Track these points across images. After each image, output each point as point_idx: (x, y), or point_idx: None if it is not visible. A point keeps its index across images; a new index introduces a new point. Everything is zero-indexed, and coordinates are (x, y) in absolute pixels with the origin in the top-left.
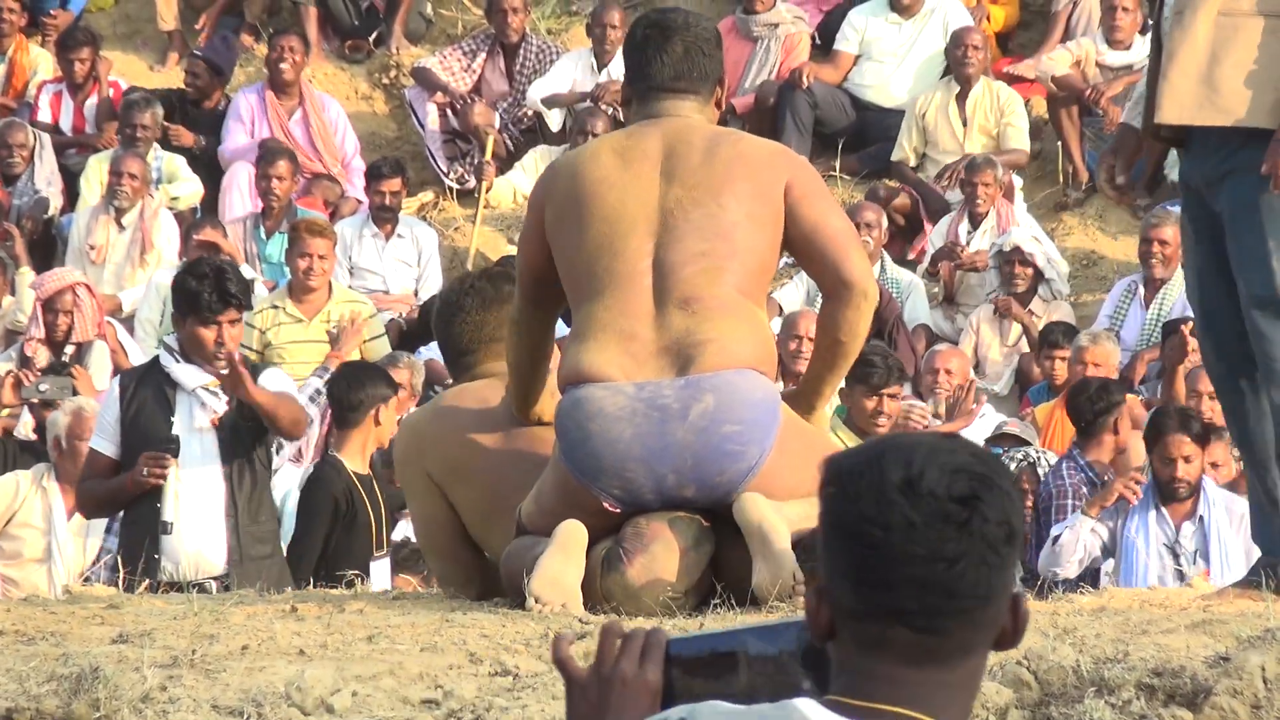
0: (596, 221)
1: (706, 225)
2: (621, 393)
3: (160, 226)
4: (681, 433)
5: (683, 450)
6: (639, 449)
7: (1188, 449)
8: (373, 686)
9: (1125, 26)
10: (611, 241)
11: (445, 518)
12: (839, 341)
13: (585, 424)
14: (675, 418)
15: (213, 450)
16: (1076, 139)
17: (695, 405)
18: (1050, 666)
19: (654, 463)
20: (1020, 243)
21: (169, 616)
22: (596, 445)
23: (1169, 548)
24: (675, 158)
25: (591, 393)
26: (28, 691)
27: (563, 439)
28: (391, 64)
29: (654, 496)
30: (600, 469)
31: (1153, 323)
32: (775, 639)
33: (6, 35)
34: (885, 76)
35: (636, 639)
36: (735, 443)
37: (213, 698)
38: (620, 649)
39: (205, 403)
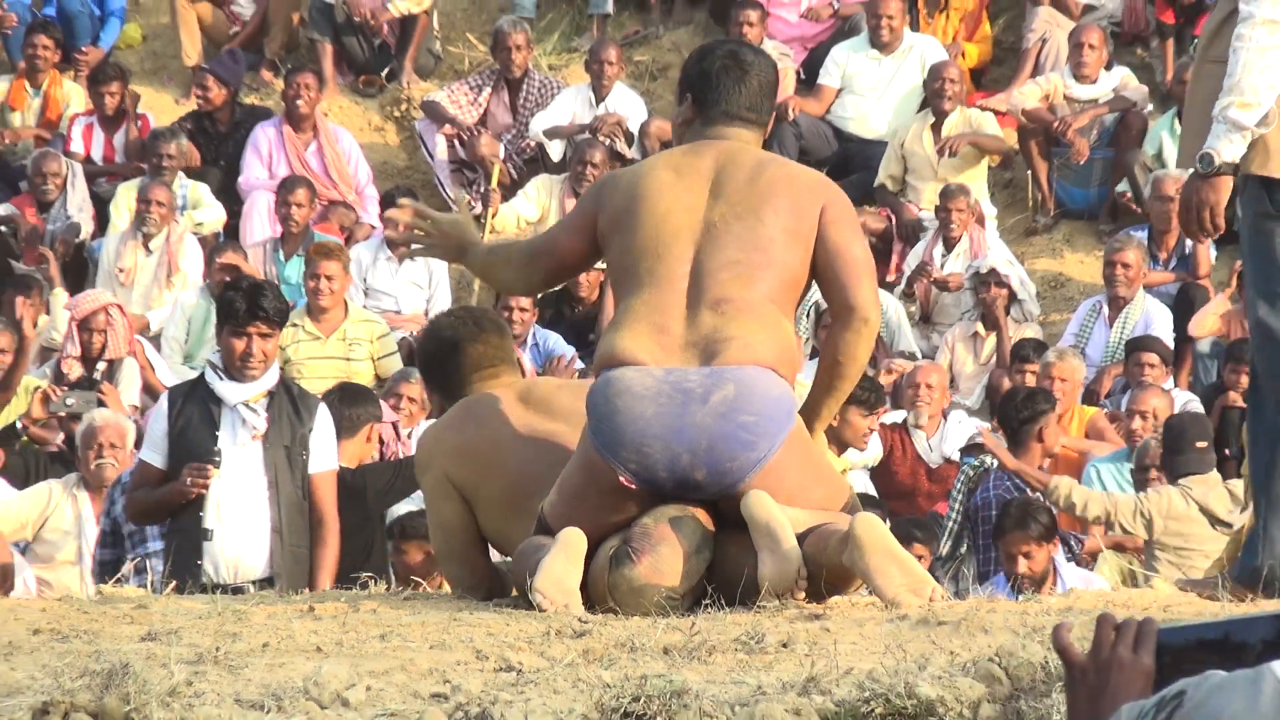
0: (646, 226)
1: (745, 236)
2: (650, 374)
3: (185, 250)
4: (701, 415)
5: (700, 432)
6: (659, 426)
7: (1026, 547)
8: (385, 681)
9: (1091, 63)
10: (656, 246)
11: (461, 523)
12: (838, 363)
13: (613, 399)
14: (697, 401)
15: (256, 462)
16: (1044, 168)
17: (717, 392)
18: (1020, 663)
19: (672, 440)
20: (996, 265)
21: (195, 616)
22: (621, 420)
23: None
24: (724, 176)
25: (623, 373)
26: (62, 686)
27: (592, 414)
28: (402, 98)
29: (667, 475)
30: (621, 443)
31: (1116, 340)
32: (1254, 630)
33: (41, 70)
34: (866, 109)
35: (1130, 627)
36: (750, 432)
37: (235, 692)
38: (1116, 636)
39: (246, 419)
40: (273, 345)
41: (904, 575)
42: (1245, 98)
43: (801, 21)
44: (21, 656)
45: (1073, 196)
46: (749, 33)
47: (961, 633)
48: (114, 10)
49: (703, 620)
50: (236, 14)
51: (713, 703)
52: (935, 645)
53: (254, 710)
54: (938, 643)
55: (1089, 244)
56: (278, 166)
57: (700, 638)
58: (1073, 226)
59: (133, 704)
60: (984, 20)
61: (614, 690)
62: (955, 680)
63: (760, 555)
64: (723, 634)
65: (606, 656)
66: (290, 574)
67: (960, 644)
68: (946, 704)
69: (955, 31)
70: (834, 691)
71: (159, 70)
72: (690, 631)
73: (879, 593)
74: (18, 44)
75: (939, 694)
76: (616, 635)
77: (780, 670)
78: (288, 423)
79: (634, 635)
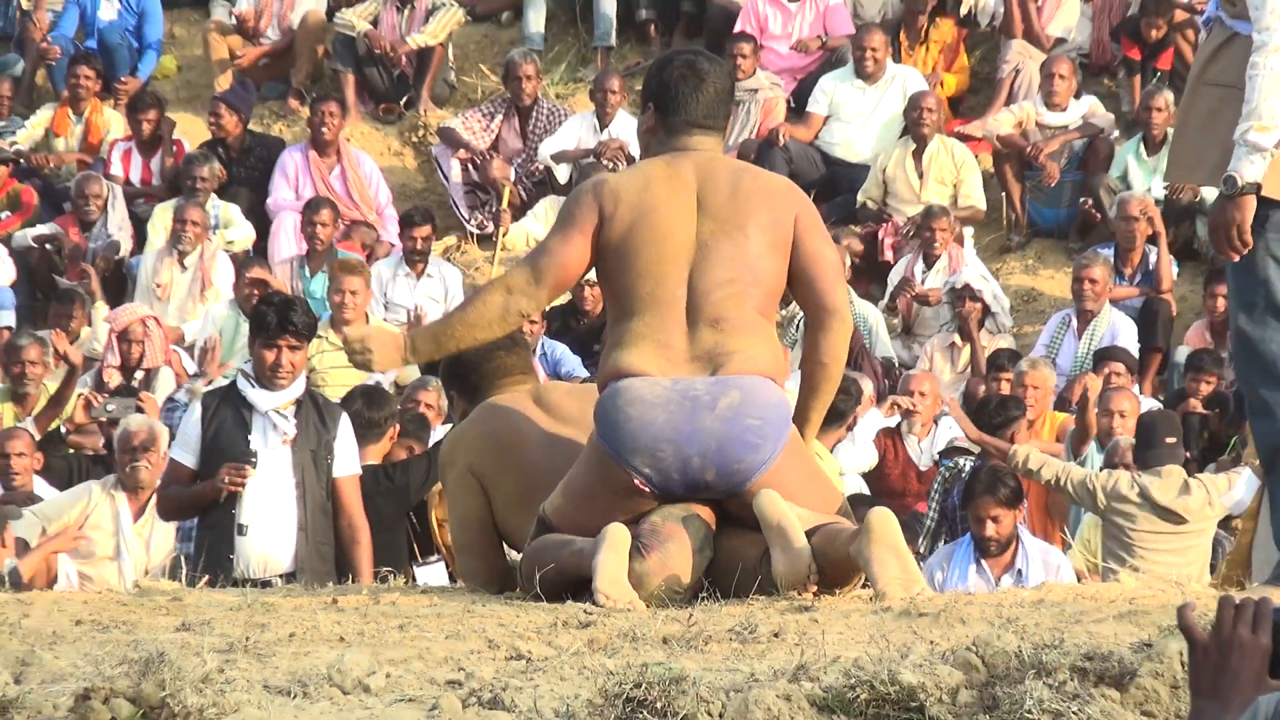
0: (649, 249)
1: (735, 256)
2: (659, 384)
3: (218, 267)
4: (709, 420)
5: (709, 436)
6: (671, 431)
7: (995, 510)
8: (404, 669)
9: (1062, 91)
10: (657, 270)
11: (479, 515)
12: (823, 364)
13: (625, 408)
14: (705, 407)
15: (285, 465)
16: (1018, 190)
17: (723, 398)
18: (995, 652)
19: (683, 444)
20: (970, 280)
21: (226, 608)
22: (634, 426)
23: None
24: (706, 190)
25: (632, 383)
26: (102, 673)
27: (602, 422)
28: (420, 124)
29: (679, 477)
30: (635, 448)
31: (1085, 351)
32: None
33: (83, 99)
34: (851, 135)
35: (1249, 608)
36: (755, 435)
37: (264, 679)
38: (1235, 616)
39: (276, 424)
40: (301, 357)
41: (900, 570)
42: (1263, 121)
43: (792, 53)
44: (65, 646)
45: (1044, 216)
46: (743, 64)
47: (941, 624)
48: (151, 43)
49: (700, 612)
50: (263, 46)
51: (709, 689)
52: (916, 635)
53: (281, 696)
54: (919, 633)
55: (1059, 261)
56: (303, 188)
57: (697, 628)
58: (1044, 244)
59: (168, 690)
60: (961, 52)
61: (617, 677)
62: (935, 668)
63: (773, 552)
64: (718, 625)
65: (610, 646)
66: (314, 569)
67: (940, 634)
68: (927, 690)
69: (935, 63)
70: (822, 679)
71: (193, 99)
72: (688, 623)
73: (872, 580)
74: (61, 74)
75: (920, 681)
76: (619, 626)
77: (772, 659)
78: (314, 429)
79: (635, 626)
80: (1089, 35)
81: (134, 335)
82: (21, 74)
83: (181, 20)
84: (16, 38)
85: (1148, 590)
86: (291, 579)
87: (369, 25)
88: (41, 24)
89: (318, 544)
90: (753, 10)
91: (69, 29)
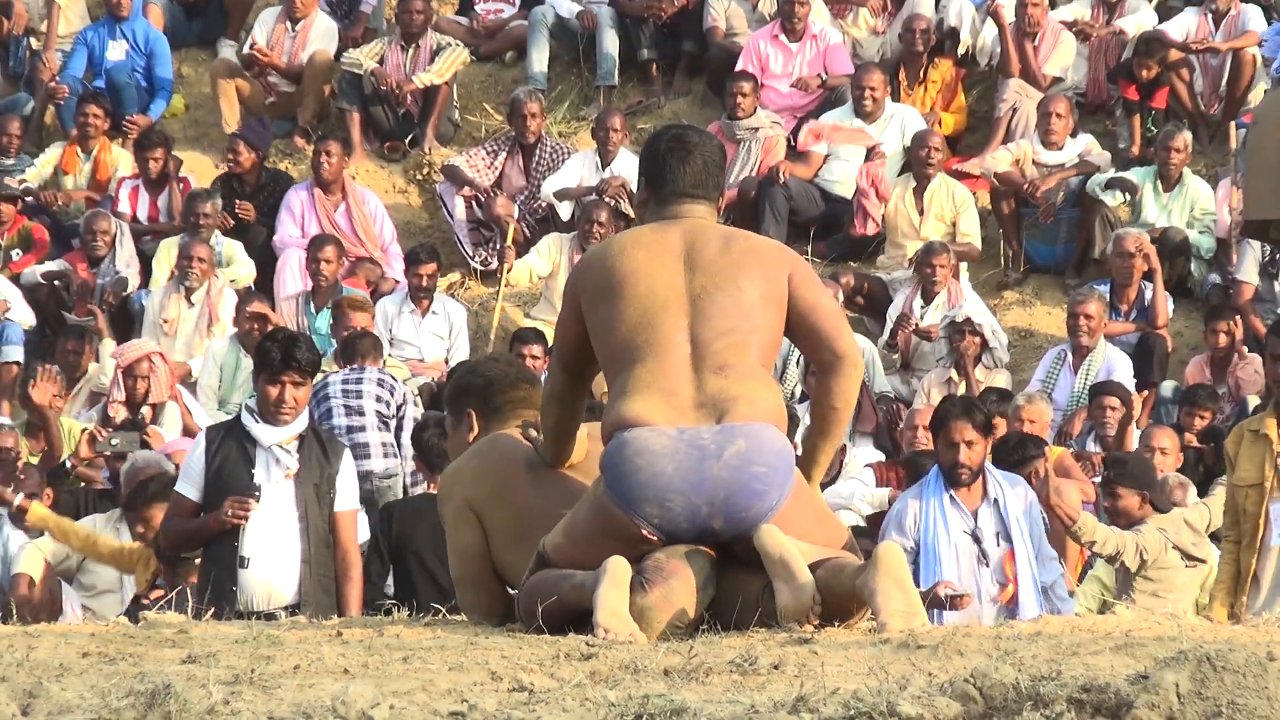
0: (631, 305)
1: (730, 307)
2: (665, 434)
3: (224, 302)
4: (717, 469)
5: (717, 485)
6: (679, 482)
7: (969, 434)
8: (407, 700)
9: (1059, 130)
10: (648, 320)
11: (478, 550)
12: (834, 409)
13: (633, 459)
14: (712, 456)
15: (289, 498)
16: (1014, 227)
17: (730, 447)
18: (993, 683)
19: (691, 494)
20: (971, 314)
21: (231, 640)
22: (643, 478)
23: (969, 534)
24: (695, 251)
25: (639, 434)
26: (109, 705)
27: (609, 473)
28: (424, 163)
29: (688, 526)
30: (644, 498)
31: (1081, 386)
32: None
33: (92, 137)
34: (851, 173)
35: None
36: (761, 482)
37: (269, 711)
38: None
39: (280, 459)
40: (304, 393)
41: (904, 603)
42: None
43: (792, 92)
44: (72, 677)
45: (1040, 253)
46: (743, 102)
47: (939, 655)
48: (162, 84)
49: (700, 644)
50: (273, 85)
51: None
52: (915, 667)
53: None
54: (917, 665)
55: (1056, 297)
56: (309, 226)
57: (698, 660)
58: (1041, 281)
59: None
60: (959, 91)
61: (618, 709)
62: (933, 699)
63: (776, 585)
64: (718, 657)
65: (611, 677)
66: (318, 602)
67: (938, 666)
68: None
69: (933, 102)
70: (821, 710)
71: (200, 138)
72: (689, 654)
73: (875, 611)
74: (70, 113)
75: (919, 712)
76: (621, 658)
77: (772, 690)
78: (316, 463)
79: (637, 658)
80: (1085, 75)
81: (139, 371)
82: (31, 113)
83: (189, 60)
84: (26, 77)
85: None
86: (295, 611)
87: (375, 64)
88: (50, 64)
89: (320, 577)
90: (754, 50)
91: (78, 69)
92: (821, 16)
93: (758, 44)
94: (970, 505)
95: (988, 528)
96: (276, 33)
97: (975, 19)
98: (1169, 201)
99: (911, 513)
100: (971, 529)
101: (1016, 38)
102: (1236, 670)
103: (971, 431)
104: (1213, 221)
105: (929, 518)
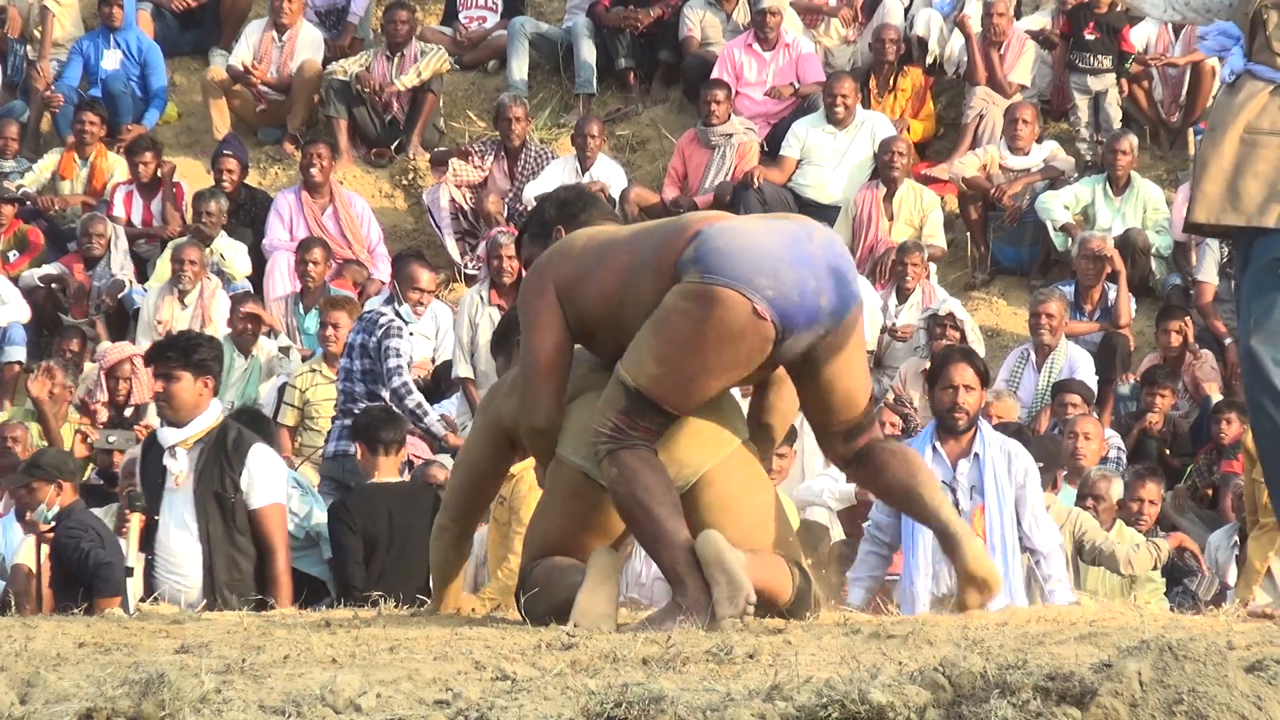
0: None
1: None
2: (753, 221)
3: (217, 304)
4: (813, 248)
5: (818, 261)
6: (786, 254)
7: (969, 378)
8: (394, 689)
9: (1025, 136)
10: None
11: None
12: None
13: (737, 238)
14: (805, 239)
15: (188, 503)
16: (981, 230)
17: (817, 232)
18: (961, 672)
19: (799, 266)
20: (954, 310)
21: (223, 631)
22: (751, 255)
23: (945, 484)
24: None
25: (728, 223)
26: (104, 693)
27: (709, 259)
28: (410, 168)
29: (799, 299)
30: (759, 269)
31: (1044, 385)
32: None
33: (88, 144)
34: (823, 178)
35: None
36: (850, 270)
37: (259, 699)
38: None
39: (168, 465)
40: (182, 388)
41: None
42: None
43: (765, 99)
44: (68, 667)
45: (1006, 255)
46: (717, 109)
47: (909, 645)
48: (156, 92)
49: (678, 635)
50: (263, 94)
51: (687, 708)
52: (886, 656)
53: (276, 715)
54: (888, 654)
55: (1021, 298)
56: (297, 229)
57: (675, 650)
58: (1007, 282)
59: (167, 710)
60: (928, 99)
61: (598, 697)
62: (904, 688)
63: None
64: (695, 646)
65: (592, 667)
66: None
67: (908, 655)
68: (896, 709)
69: (903, 109)
70: (795, 698)
71: (192, 144)
72: (666, 645)
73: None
74: (66, 120)
75: (889, 700)
76: (600, 648)
77: (747, 679)
78: (218, 468)
79: (616, 648)
80: (1049, 82)
81: (122, 373)
82: (27, 119)
83: (182, 69)
84: (22, 85)
85: (1107, 613)
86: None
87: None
88: (46, 73)
89: (228, 583)
90: (728, 58)
91: (73, 78)
92: (794, 26)
93: (732, 53)
94: (952, 457)
95: (964, 480)
96: (264, 43)
97: (943, 29)
98: (1121, 205)
99: None
100: (949, 479)
101: (983, 47)
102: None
103: (971, 375)
104: (1167, 221)
105: None
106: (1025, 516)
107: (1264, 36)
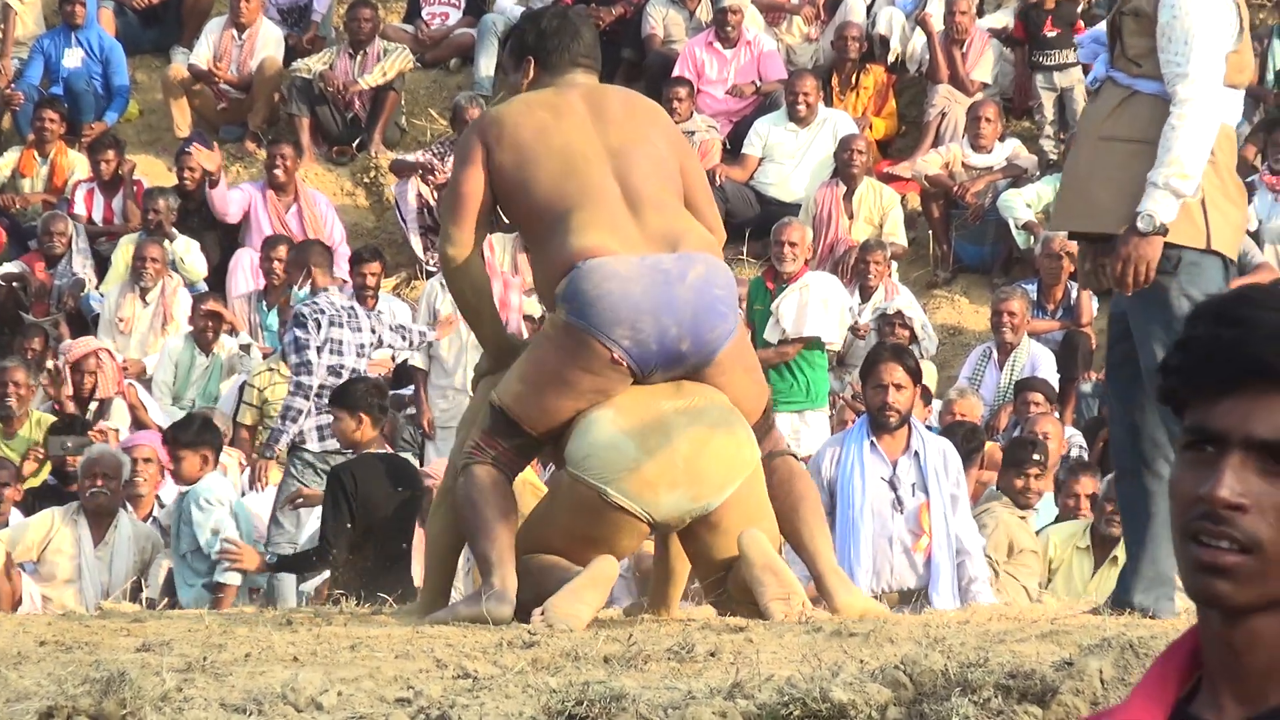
0: (549, 159)
1: (651, 155)
2: (628, 260)
3: (179, 302)
4: (682, 291)
5: (683, 306)
6: (648, 303)
7: (899, 377)
8: (355, 688)
9: (987, 134)
10: (571, 169)
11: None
12: None
13: (602, 284)
14: (676, 280)
15: None
16: (944, 228)
17: (691, 271)
18: (923, 670)
19: (660, 314)
20: (903, 308)
21: (184, 629)
22: (614, 300)
23: (886, 481)
24: (600, 109)
25: (603, 260)
26: (65, 692)
27: (575, 301)
28: (371, 166)
29: (657, 348)
30: (616, 320)
31: (1006, 382)
32: None
33: (49, 141)
34: (785, 176)
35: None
36: (723, 304)
37: (221, 697)
38: None
39: None
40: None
41: (779, 586)
42: (1185, 170)
43: (727, 97)
44: (29, 665)
45: (969, 253)
46: (679, 107)
47: (870, 643)
48: (118, 90)
49: (639, 632)
50: (224, 92)
51: (648, 706)
52: (847, 654)
53: (237, 714)
54: (849, 652)
55: (984, 296)
56: (260, 225)
57: (637, 648)
58: (969, 280)
59: (129, 708)
60: (890, 97)
61: (559, 695)
62: (865, 686)
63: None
64: (657, 645)
65: (553, 665)
66: None
67: (869, 653)
68: (857, 707)
69: (865, 107)
70: (756, 696)
71: (154, 142)
72: (628, 642)
73: (757, 600)
74: (25, 119)
75: (850, 698)
76: (562, 646)
77: (708, 677)
78: None
79: (577, 646)
80: (1011, 80)
81: (86, 367)
82: None
83: (144, 66)
84: None
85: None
86: None
87: (325, 68)
88: (6, 71)
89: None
90: (690, 56)
91: (34, 77)
92: (756, 24)
93: (694, 51)
94: (891, 455)
95: (905, 478)
96: (224, 41)
97: (905, 27)
98: None
99: (829, 455)
100: (890, 476)
101: (945, 45)
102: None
103: (901, 374)
104: None
105: (847, 460)
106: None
107: (1121, 44)
